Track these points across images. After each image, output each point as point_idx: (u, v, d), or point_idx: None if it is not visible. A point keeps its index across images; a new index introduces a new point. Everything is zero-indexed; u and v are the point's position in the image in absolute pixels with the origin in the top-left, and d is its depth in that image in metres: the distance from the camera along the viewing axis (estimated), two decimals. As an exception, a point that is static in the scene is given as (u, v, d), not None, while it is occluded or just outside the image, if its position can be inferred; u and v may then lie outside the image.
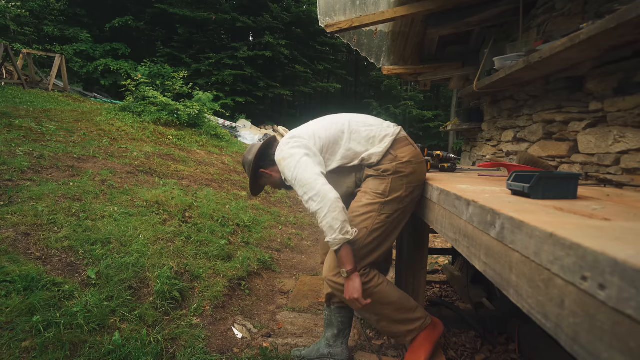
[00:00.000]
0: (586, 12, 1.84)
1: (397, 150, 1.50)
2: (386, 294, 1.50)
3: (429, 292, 2.92)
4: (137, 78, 7.82)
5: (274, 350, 1.92)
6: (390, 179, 1.46)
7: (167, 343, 1.78)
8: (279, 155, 1.51)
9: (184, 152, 5.75)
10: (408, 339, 1.56)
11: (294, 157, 1.44)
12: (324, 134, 1.53)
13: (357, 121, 1.57)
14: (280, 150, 1.51)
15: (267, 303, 2.55)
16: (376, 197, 1.47)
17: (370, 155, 1.49)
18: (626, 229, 0.62)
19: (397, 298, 1.51)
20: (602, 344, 0.47)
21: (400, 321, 1.53)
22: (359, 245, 1.45)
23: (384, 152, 1.49)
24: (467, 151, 3.69)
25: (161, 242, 2.54)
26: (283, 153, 1.48)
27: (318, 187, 1.36)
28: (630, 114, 1.46)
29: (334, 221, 1.34)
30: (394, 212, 1.48)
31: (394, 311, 1.51)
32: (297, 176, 1.40)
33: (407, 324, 1.53)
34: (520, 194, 0.99)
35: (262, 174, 1.71)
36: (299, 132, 1.56)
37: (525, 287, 0.65)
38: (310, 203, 1.38)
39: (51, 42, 13.98)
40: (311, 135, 1.52)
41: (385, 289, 1.50)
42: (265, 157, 1.68)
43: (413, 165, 1.49)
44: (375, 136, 1.51)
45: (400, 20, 2.83)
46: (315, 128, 1.56)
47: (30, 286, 1.73)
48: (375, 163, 1.50)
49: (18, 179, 2.82)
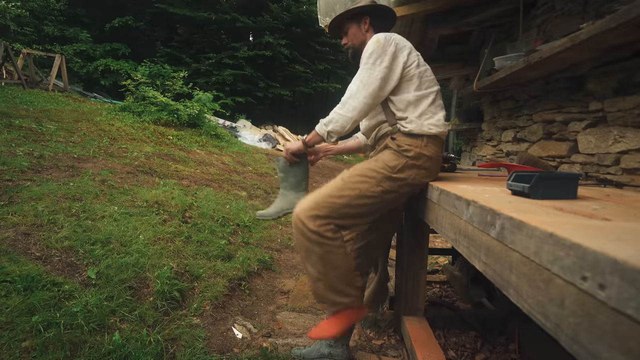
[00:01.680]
0: (586, 12, 1.84)
1: (429, 143, 1.47)
2: (339, 259, 1.47)
3: (429, 292, 2.92)
4: (137, 78, 7.81)
5: (274, 350, 1.92)
6: (405, 160, 1.44)
7: (167, 343, 1.78)
8: (380, 36, 1.47)
9: (184, 152, 5.75)
10: (333, 309, 1.55)
11: (386, 51, 1.44)
12: (423, 65, 1.52)
13: (439, 97, 1.56)
14: (387, 36, 1.48)
15: (267, 303, 2.55)
16: (385, 168, 1.45)
17: (411, 121, 1.47)
18: (626, 229, 0.62)
19: (346, 269, 1.49)
20: (602, 344, 0.47)
21: (336, 290, 1.50)
22: (344, 202, 1.43)
23: (419, 134, 1.46)
24: (467, 151, 3.69)
25: (161, 242, 2.54)
26: (384, 40, 1.46)
27: (360, 98, 1.44)
28: (630, 114, 1.46)
29: (336, 124, 1.47)
30: (391, 191, 1.46)
31: (336, 278, 1.49)
32: (368, 66, 1.44)
33: (340, 295, 1.50)
34: (520, 194, 0.99)
35: (363, 21, 1.65)
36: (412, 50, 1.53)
37: (525, 287, 0.65)
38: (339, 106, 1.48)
39: (51, 42, 13.98)
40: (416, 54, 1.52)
41: (340, 255, 1.47)
42: (382, 19, 1.67)
43: (431, 164, 1.48)
44: (432, 118, 1.49)
45: (400, 20, 2.82)
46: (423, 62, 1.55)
47: (30, 286, 1.73)
48: (403, 132, 1.48)
49: (18, 179, 2.82)
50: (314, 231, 1.40)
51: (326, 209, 1.42)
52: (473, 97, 3.41)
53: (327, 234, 1.41)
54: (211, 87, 14.71)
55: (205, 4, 16.28)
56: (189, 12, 15.75)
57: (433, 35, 3.05)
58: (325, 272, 1.46)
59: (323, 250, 1.43)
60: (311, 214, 1.43)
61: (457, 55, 3.54)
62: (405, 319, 1.98)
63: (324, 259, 1.44)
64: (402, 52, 1.47)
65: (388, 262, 2.24)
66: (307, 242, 1.43)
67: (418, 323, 1.94)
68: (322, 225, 1.42)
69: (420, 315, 2.02)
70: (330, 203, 1.42)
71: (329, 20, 2.83)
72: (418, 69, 1.49)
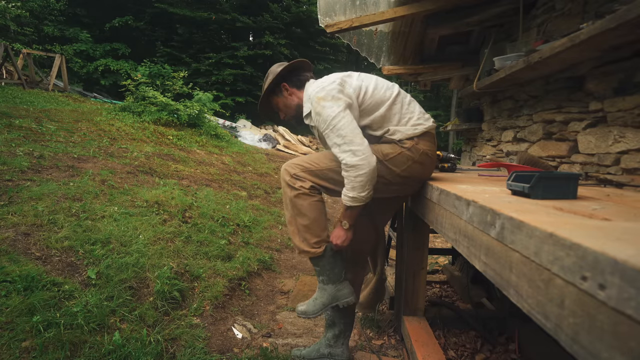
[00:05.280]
0: (586, 12, 1.84)
1: (420, 140, 1.49)
2: (310, 209, 1.52)
3: (429, 292, 2.92)
4: (137, 78, 7.80)
5: (274, 350, 1.92)
6: (400, 151, 1.46)
7: (167, 343, 1.78)
8: (318, 92, 1.43)
9: (184, 152, 5.75)
10: (297, 252, 1.63)
11: (338, 103, 1.39)
12: (371, 89, 1.49)
13: (405, 97, 1.54)
14: (323, 87, 1.44)
15: (267, 303, 2.55)
16: (378, 153, 1.46)
17: (395, 131, 1.47)
18: (626, 229, 0.62)
19: (314, 220, 1.54)
20: (602, 344, 0.47)
21: (301, 237, 1.56)
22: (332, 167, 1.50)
23: (410, 136, 1.47)
24: (467, 151, 3.69)
25: (161, 242, 2.54)
26: (325, 92, 1.42)
27: (365, 144, 1.38)
28: (630, 114, 1.46)
29: (368, 184, 1.39)
30: (380, 175, 1.46)
31: (303, 226, 1.55)
32: (339, 124, 1.38)
33: (304, 243, 1.56)
34: (520, 194, 0.99)
35: (282, 90, 1.64)
36: (347, 78, 1.50)
37: (525, 287, 0.65)
38: (349, 156, 1.37)
39: (51, 42, 13.96)
40: (358, 86, 1.48)
41: (312, 206, 1.52)
42: (295, 75, 1.63)
43: (425, 157, 1.48)
44: (412, 118, 1.50)
45: (400, 20, 2.83)
46: (365, 79, 1.52)
47: (30, 286, 1.73)
48: (396, 140, 1.49)
49: (18, 179, 2.82)
50: (292, 185, 1.51)
51: (312, 169, 1.51)
52: (473, 97, 3.41)
53: (305, 190, 1.50)
54: (211, 87, 14.71)
55: (205, 4, 16.29)
56: (189, 12, 15.76)
57: (433, 35, 3.05)
58: (297, 218, 1.54)
59: (299, 199, 1.52)
60: (295, 171, 1.52)
61: (457, 55, 3.54)
62: (405, 319, 1.98)
63: (297, 207, 1.52)
64: (344, 88, 1.44)
65: (388, 262, 2.24)
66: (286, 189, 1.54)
67: (418, 323, 1.94)
68: (302, 180, 1.51)
69: (420, 315, 2.02)
70: (315, 165, 1.51)
71: (329, 20, 2.84)
72: (368, 89, 1.48)
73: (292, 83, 1.63)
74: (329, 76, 1.53)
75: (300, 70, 1.66)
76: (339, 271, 1.62)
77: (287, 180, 1.53)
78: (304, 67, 1.67)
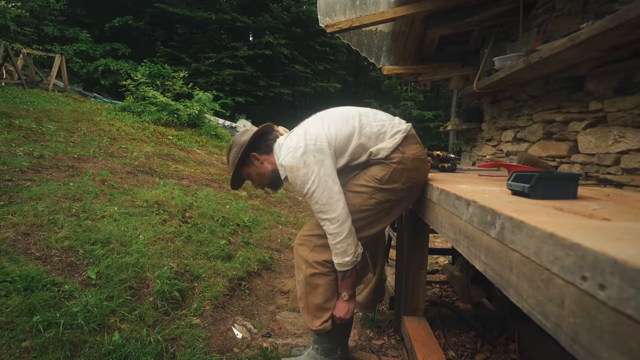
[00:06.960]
0: (586, 12, 1.84)
1: (405, 147, 1.48)
2: (325, 290, 1.52)
3: (429, 292, 2.92)
4: (137, 78, 7.81)
5: (274, 350, 1.92)
6: (392, 168, 1.45)
7: (167, 343, 1.78)
8: (289, 161, 1.39)
9: (184, 152, 5.75)
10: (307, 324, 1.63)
11: (310, 169, 1.35)
12: (336, 132, 1.45)
13: (367, 115, 1.52)
14: (293, 155, 1.39)
15: (267, 303, 2.55)
16: (372, 180, 1.46)
17: (379, 150, 1.46)
18: (626, 229, 0.62)
19: (327, 300, 1.54)
20: (602, 344, 0.47)
21: (312, 316, 1.57)
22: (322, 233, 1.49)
23: (393, 148, 1.46)
24: (467, 151, 3.69)
25: (161, 242, 2.54)
26: (296, 160, 1.37)
27: (339, 211, 1.37)
28: (630, 114, 1.46)
29: (349, 247, 1.41)
30: (385, 200, 1.47)
31: (315, 305, 1.55)
32: (315, 193, 1.36)
33: (315, 321, 1.56)
34: (520, 194, 0.99)
35: (253, 160, 1.57)
36: (314, 132, 1.42)
37: (525, 287, 0.65)
38: (327, 224, 1.40)
39: (51, 42, 13.98)
40: (327, 134, 1.43)
41: (328, 285, 1.53)
42: (262, 142, 1.58)
43: (417, 162, 1.48)
44: (386, 132, 1.48)
45: (400, 20, 2.82)
46: (327, 124, 1.45)
47: (30, 286, 1.73)
48: (383, 157, 1.48)
49: (18, 179, 2.82)
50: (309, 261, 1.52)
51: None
52: (473, 97, 3.41)
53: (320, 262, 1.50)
54: (211, 87, 14.73)
55: (205, 4, 16.30)
56: (189, 12, 15.77)
57: (433, 35, 3.05)
58: (308, 296, 1.54)
59: (316, 270, 1.51)
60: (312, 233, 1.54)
61: (457, 55, 3.53)
62: (405, 319, 1.98)
63: (310, 285, 1.52)
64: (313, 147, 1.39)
65: (388, 262, 2.24)
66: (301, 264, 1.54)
67: (418, 323, 1.94)
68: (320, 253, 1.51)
69: (420, 315, 2.02)
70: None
71: (329, 20, 2.84)
72: (337, 134, 1.44)
73: (261, 150, 1.58)
74: (293, 139, 1.45)
75: (265, 135, 1.61)
76: (335, 347, 1.64)
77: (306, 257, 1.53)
78: (267, 131, 1.63)
